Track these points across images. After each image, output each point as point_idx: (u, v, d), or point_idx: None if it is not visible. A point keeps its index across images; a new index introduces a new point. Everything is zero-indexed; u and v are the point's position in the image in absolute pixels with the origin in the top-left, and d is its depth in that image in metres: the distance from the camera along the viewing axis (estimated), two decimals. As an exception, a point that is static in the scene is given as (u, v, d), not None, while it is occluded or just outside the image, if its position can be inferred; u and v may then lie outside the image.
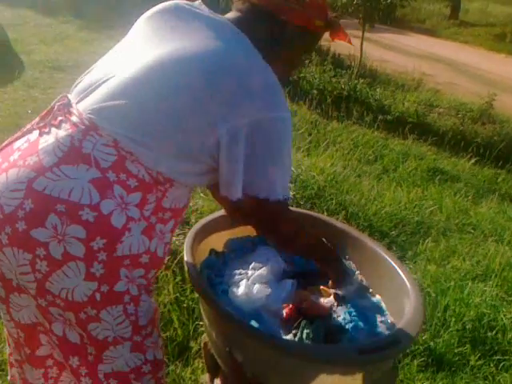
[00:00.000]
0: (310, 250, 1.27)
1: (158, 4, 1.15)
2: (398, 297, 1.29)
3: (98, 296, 0.97)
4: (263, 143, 1.03)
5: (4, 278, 1.01)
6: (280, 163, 1.08)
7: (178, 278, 2.11)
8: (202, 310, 1.37)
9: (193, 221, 2.47)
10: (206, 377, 1.42)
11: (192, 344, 1.84)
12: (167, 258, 2.16)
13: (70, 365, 1.09)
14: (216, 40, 1.05)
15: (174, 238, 2.29)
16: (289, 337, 1.18)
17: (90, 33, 7.49)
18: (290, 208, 1.33)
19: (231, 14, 1.14)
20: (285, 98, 1.09)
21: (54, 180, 0.94)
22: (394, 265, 1.36)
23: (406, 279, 1.30)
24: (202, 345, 1.43)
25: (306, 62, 6.71)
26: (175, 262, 2.14)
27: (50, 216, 0.93)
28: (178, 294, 2.06)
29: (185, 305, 2.03)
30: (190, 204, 2.74)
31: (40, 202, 0.94)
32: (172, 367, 1.79)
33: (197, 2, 1.16)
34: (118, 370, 1.07)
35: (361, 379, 1.08)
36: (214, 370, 1.36)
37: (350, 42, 1.23)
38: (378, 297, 1.36)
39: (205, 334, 1.43)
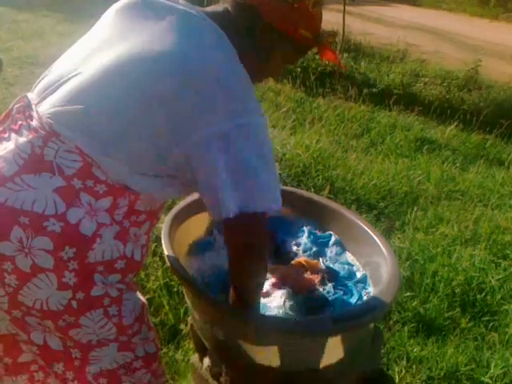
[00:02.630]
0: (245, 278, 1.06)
1: None
2: (377, 265, 1.31)
3: (74, 304, 0.95)
4: (245, 150, 0.93)
5: None
6: (268, 169, 0.97)
7: (167, 264, 2.12)
8: (184, 292, 1.39)
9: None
10: (195, 357, 1.43)
11: (182, 326, 1.86)
12: (154, 245, 2.18)
13: (54, 372, 1.07)
14: (188, 38, 0.96)
15: (161, 225, 2.29)
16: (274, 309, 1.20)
17: (69, 25, 7.34)
18: None
19: (213, 7, 1.06)
20: (258, 101, 1.00)
21: (15, 190, 0.90)
22: (371, 234, 1.38)
23: (383, 248, 1.31)
24: (189, 326, 1.45)
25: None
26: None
27: (14, 229, 0.89)
28: (167, 279, 2.07)
29: (175, 289, 2.05)
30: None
31: (2, 215, 0.90)
32: (165, 350, 1.81)
33: None
34: (107, 368, 1.04)
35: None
36: (201, 350, 1.37)
37: (339, 63, 1.14)
38: (363, 271, 1.38)
39: (191, 316, 1.45)
